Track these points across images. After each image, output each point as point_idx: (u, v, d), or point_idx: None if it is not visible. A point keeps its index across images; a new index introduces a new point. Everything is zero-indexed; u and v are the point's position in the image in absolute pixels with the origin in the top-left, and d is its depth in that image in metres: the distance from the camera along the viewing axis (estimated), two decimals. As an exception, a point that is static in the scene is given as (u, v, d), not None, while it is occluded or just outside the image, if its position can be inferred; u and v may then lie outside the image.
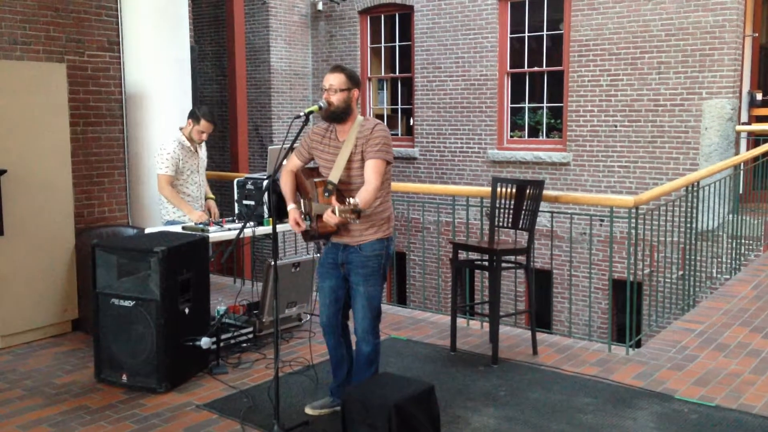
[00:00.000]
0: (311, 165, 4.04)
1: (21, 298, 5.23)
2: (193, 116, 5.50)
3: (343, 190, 3.75)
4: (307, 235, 3.95)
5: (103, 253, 4.51)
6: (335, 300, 3.95)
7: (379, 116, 12.14)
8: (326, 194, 3.68)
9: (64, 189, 5.52)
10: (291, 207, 3.90)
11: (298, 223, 3.83)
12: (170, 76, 6.33)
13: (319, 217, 3.69)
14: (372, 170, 3.69)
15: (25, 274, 5.26)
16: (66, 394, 4.36)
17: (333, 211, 3.42)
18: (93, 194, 6.14)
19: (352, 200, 3.39)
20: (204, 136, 5.55)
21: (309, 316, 5.71)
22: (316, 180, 3.78)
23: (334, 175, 3.72)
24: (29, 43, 5.69)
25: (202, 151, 5.77)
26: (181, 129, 5.58)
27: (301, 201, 3.91)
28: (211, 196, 5.96)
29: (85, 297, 5.35)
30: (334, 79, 3.73)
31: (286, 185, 3.98)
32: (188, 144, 5.52)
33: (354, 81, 3.79)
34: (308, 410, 4.02)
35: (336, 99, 3.72)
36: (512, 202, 5.11)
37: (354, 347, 4.05)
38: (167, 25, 6.29)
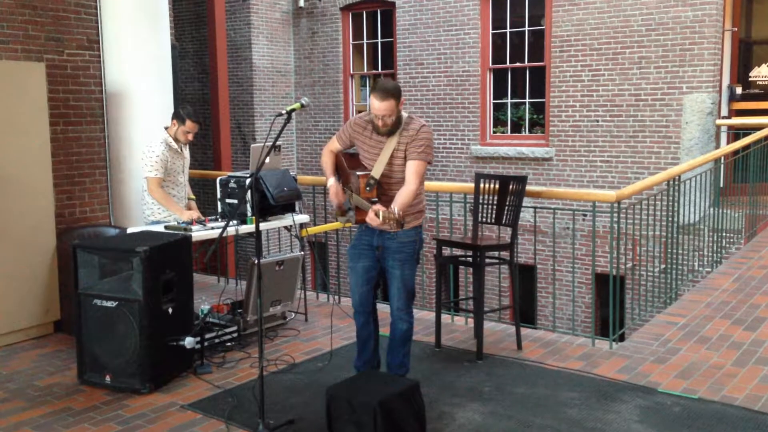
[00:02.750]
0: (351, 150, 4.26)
1: (2, 299, 5.18)
2: (178, 117, 5.45)
3: (384, 182, 3.99)
4: (341, 211, 4.16)
5: (85, 253, 4.47)
6: (368, 280, 4.15)
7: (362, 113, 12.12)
8: (368, 188, 3.92)
9: (44, 189, 5.47)
10: (331, 182, 4.14)
11: (337, 194, 4.08)
12: (151, 74, 6.28)
13: (358, 207, 3.93)
14: (413, 172, 3.93)
15: (5, 275, 5.21)
16: (49, 395, 4.32)
17: (377, 214, 3.59)
18: (74, 194, 6.09)
19: (397, 210, 3.60)
20: (190, 137, 5.52)
21: (293, 314, 5.70)
22: (360, 173, 3.98)
23: (377, 171, 3.96)
24: (7, 42, 5.63)
25: (186, 151, 5.74)
26: (165, 129, 5.54)
27: (340, 184, 4.13)
28: (192, 196, 5.93)
29: (67, 298, 5.31)
30: (387, 109, 3.86)
31: (326, 162, 4.24)
32: (175, 145, 5.50)
33: (399, 96, 3.92)
34: None
35: (391, 121, 3.92)
36: (495, 198, 5.13)
37: (381, 328, 4.30)
38: (147, 22, 6.24)
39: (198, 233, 5.03)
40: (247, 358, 4.90)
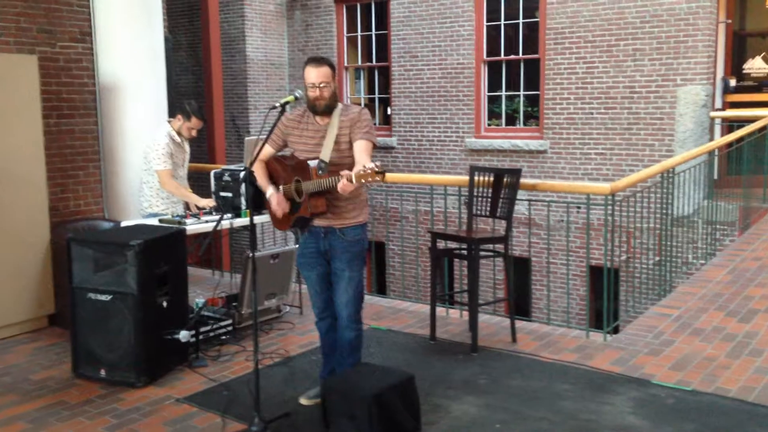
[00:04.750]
0: (282, 153, 4.03)
1: (-4, 293, 5.17)
2: (184, 112, 5.51)
3: (333, 171, 3.71)
4: (285, 223, 3.92)
5: (79, 247, 4.46)
6: (327, 287, 3.97)
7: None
8: (320, 172, 3.69)
9: (38, 183, 5.45)
10: (270, 192, 3.88)
11: (280, 203, 3.83)
12: (144, 67, 6.27)
13: (312, 196, 3.69)
14: (363, 150, 3.73)
15: (-1, 269, 5.20)
16: (43, 389, 4.32)
17: (350, 179, 3.36)
18: (68, 187, 6.07)
19: (369, 165, 3.34)
20: (194, 133, 5.62)
21: (288, 308, 5.70)
22: (307, 161, 3.74)
23: (325, 154, 3.74)
24: (-1, 34, 5.61)
25: (187, 145, 5.79)
26: (169, 122, 5.59)
27: (281, 188, 3.88)
28: (189, 190, 5.93)
29: (62, 292, 5.29)
30: (323, 76, 3.74)
31: (259, 173, 3.95)
32: (178, 138, 5.56)
33: (334, 68, 3.83)
34: (303, 401, 4.03)
35: (328, 93, 3.76)
36: (490, 191, 5.13)
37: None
38: (140, 15, 6.22)
39: (192, 226, 5.02)
40: (242, 351, 4.90)
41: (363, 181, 3.33)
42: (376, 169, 3.31)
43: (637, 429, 3.67)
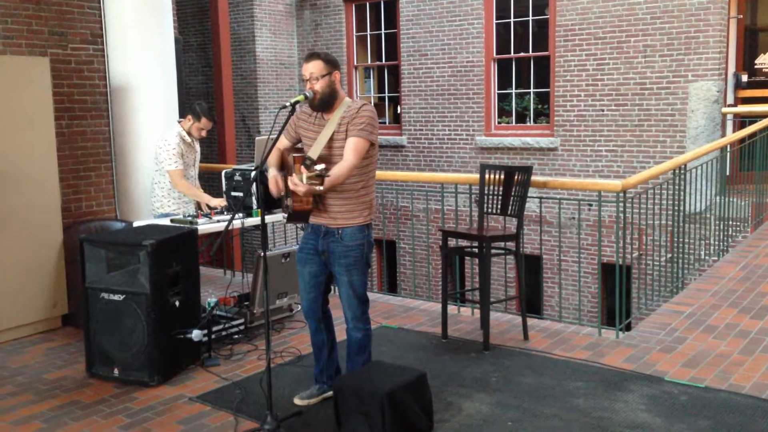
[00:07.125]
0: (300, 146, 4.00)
1: (10, 294, 5.21)
2: (194, 113, 5.54)
3: (326, 168, 3.63)
4: (288, 216, 3.90)
5: (92, 247, 4.49)
6: (315, 286, 3.94)
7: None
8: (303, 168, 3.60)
9: (50, 184, 5.49)
10: (272, 172, 3.84)
11: (277, 184, 3.78)
12: (155, 68, 6.29)
13: (294, 193, 3.60)
14: (351, 147, 3.66)
15: (13, 270, 5.23)
16: (58, 389, 4.35)
17: (301, 179, 3.34)
18: (80, 188, 6.11)
19: (318, 166, 3.30)
20: (203, 133, 5.64)
21: (300, 306, 5.71)
22: (295, 155, 3.69)
23: (314, 151, 3.69)
24: (11, 37, 5.64)
25: (197, 145, 5.81)
26: (179, 122, 5.62)
27: (278, 173, 3.84)
28: (200, 190, 5.95)
29: (75, 292, 5.33)
30: (313, 67, 3.71)
31: (271, 157, 3.92)
32: (188, 138, 5.59)
33: (332, 64, 3.77)
34: (297, 401, 4.03)
35: (320, 86, 3.71)
36: (501, 189, 5.12)
37: (345, 335, 4.05)
38: (150, 16, 6.25)
39: (204, 226, 5.04)
40: (254, 350, 4.92)
41: (310, 182, 3.27)
42: (317, 172, 3.26)
43: (650, 426, 3.66)
